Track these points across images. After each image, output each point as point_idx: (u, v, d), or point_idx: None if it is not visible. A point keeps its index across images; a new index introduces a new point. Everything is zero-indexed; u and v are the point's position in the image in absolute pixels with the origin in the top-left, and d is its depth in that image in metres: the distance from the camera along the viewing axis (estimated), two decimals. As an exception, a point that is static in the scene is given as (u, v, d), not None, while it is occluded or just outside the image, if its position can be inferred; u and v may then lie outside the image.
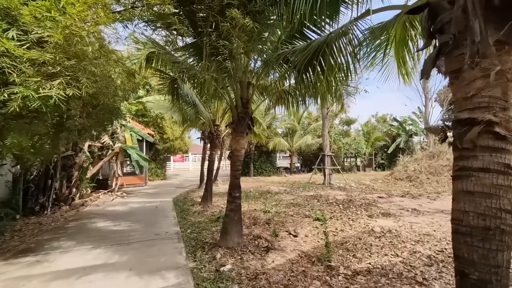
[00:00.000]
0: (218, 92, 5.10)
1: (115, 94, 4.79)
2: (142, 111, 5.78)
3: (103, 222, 6.07)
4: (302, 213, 6.43)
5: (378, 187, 10.71)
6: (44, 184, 7.48)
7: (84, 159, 8.78)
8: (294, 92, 5.01)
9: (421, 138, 24.42)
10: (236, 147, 4.35)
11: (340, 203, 7.58)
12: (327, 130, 12.42)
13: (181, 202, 8.54)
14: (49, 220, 6.44)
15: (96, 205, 8.42)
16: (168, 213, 7.04)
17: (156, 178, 16.02)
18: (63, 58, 3.01)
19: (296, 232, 4.88)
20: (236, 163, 4.34)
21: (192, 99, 6.19)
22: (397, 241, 4.33)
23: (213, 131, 7.87)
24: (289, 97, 5.07)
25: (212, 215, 6.59)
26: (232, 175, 4.37)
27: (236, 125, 4.32)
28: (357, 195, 9.00)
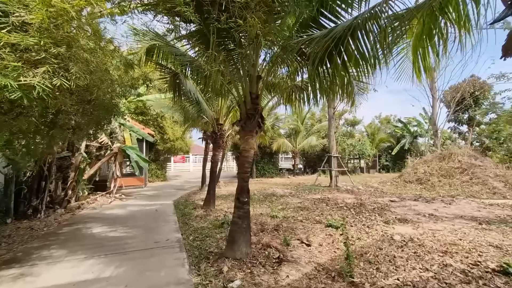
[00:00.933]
0: (224, 88, 4.70)
1: (112, 90, 4.41)
2: (141, 108, 5.39)
3: (99, 228, 5.66)
4: (312, 218, 6.01)
5: (387, 190, 10.28)
6: (37, 186, 7.07)
7: (80, 159, 8.37)
8: (306, 87, 4.60)
9: (426, 140, 24.01)
10: (245, 147, 3.94)
11: (350, 207, 7.16)
12: (333, 131, 12.01)
13: (182, 205, 8.13)
14: (42, 225, 6.03)
15: (93, 208, 8.01)
16: (168, 217, 6.63)
17: (156, 179, 15.61)
18: (49, 43, 2.60)
19: (309, 241, 4.46)
20: (245, 165, 3.93)
21: (195, 96, 5.79)
22: (422, 251, 3.91)
23: (216, 131, 7.46)
24: (301, 93, 4.66)
25: (215, 220, 6.17)
26: (240, 178, 3.96)
27: (245, 123, 3.91)
28: (367, 198, 8.58)
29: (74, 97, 3.81)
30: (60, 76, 2.61)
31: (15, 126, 3.33)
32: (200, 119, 8.40)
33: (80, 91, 3.63)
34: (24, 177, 7.30)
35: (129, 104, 5.27)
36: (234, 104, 7.11)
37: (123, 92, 5.05)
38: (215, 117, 7.44)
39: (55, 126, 4.35)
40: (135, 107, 5.41)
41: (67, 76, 2.72)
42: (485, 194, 8.33)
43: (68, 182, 8.17)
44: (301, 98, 4.77)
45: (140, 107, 5.39)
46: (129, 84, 5.00)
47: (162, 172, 16.27)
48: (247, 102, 3.97)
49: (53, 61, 2.54)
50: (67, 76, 2.74)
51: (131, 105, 5.30)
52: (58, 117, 4.13)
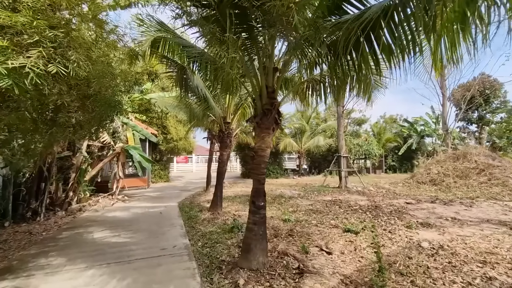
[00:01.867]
0: (235, 82, 4.35)
1: (114, 85, 4.07)
2: (146, 105, 5.06)
3: (100, 232, 5.32)
4: (327, 222, 5.64)
5: (399, 191, 9.88)
6: (37, 187, 6.75)
7: (82, 160, 8.06)
8: (323, 82, 4.24)
9: (433, 139, 23.54)
10: (261, 146, 3.58)
11: (365, 209, 6.78)
12: (342, 130, 11.62)
13: (187, 207, 7.79)
14: (41, 229, 5.71)
15: (95, 210, 7.68)
16: (174, 220, 6.28)
17: (159, 180, 15.29)
18: (44, 26, 2.26)
19: (329, 248, 4.09)
20: (261, 165, 3.57)
21: (203, 92, 5.44)
22: (457, 261, 3.53)
23: (223, 129, 7.11)
24: (318, 88, 4.30)
25: (224, 223, 5.82)
26: (255, 180, 3.60)
27: (261, 120, 3.55)
28: (380, 200, 8.20)
29: (74, 92, 3.48)
30: (57, 63, 2.27)
31: (5, 122, 2.99)
32: (206, 118, 8.06)
33: (79, 85, 3.30)
34: (23, 178, 7.00)
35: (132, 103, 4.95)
36: (242, 101, 6.76)
37: (126, 88, 4.72)
38: (222, 116, 7.09)
39: (55, 124, 4.02)
40: (139, 104, 5.07)
41: (65, 63, 2.38)
42: (507, 196, 7.91)
43: (69, 183, 7.87)
44: (318, 93, 4.41)
45: (144, 104, 5.06)
46: (132, 80, 4.66)
47: (165, 172, 15.95)
48: (262, 97, 3.62)
49: (49, 45, 2.20)
50: (66, 63, 2.40)
51: (134, 103, 4.97)
52: (58, 115, 3.80)
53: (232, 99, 6.97)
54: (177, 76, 4.72)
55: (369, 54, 3.09)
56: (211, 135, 10.98)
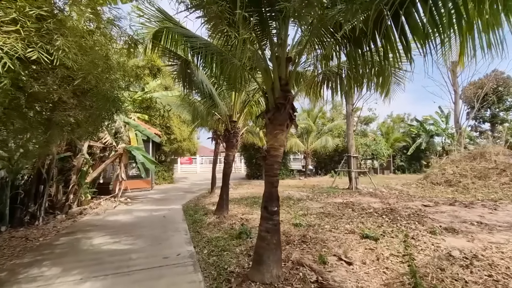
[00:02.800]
0: (243, 74, 3.99)
1: (113, 79, 3.74)
2: (147, 102, 4.74)
3: (100, 238, 5.00)
4: (342, 227, 5.24)
5: (413, 192, 9.41)
6: (35, 190, 6.47)
7: (82, 161, 7.78)
8: (341, 74, 3.86)
9: (443, 139, 22.91)
10: (273, 145, 3.22)
11: (381, 213, 6.36)
12: (352, 129, 11.19)
13: (192, 210, 7.44)
14: (38, 234, 5.41)
15: (96, 213, 7.38)
16: (178, 224, 5.94)
17: (163, 181, 15.00)
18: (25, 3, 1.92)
19: (349, 257, 3.70)
20: (274, 166, 3.20)
21: (208, 88, 5.09)
22: (498, 274, 3.11)
23: (229, 129, 6.76)
24: (335, 80, 3.91)
25: (231, 228, 5.47)
26: (268, 182, 3.23)
27: (273, 115, 3.19)
28: (395, 202, 7.76)
29: (68, 85, 3.15)
30: (38, 48, 1.93)
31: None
32: (211, 117, 7.73)
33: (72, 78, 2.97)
34: (21, 180, 6.74)
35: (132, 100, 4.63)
36: (250, 98, 6.40)
37: (126, 84, 4.39)
38: (228, 114, 6.74)
39: (50, 123, 3.71)
40: (140, 101, 4.75)
41: (49, 50, 2.04)
42: (532, 197, 7.42)
43: (70, 186, 7.59)
44: (334, 86, 4.02)
45: (146, 101, 4.74)
46: (132, 75, 4.34)
47: (169, 174, 15.66)
48: (275, 90, 3.25)
49: (28, 24, 1.86)
50: (50, 49, 2.06)
51: (136, 100, 4.65)
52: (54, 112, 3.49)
53: (238, 96, 6.61)
54: (180, 70, 4.38)
55: (398, 38, 2.71)
56: (215, 135, 10.62)
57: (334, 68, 3.81)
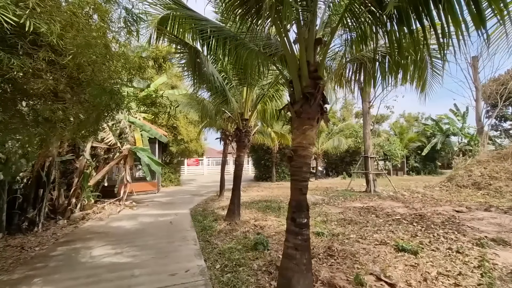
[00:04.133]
0: (262, 62, 3.45)
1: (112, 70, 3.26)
2: (152, 98, 4.26)
3: (101, 248, 4.52)
4: (371, 237, 4.64)
5: (438, 196, 8.70)
6: (34, 194, 6.05)
7: (85, 163, 7.36)
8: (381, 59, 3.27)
9: (459, 139, 21.93)
10: (302, 143, 2.66)
11: (410, 220, 5.72)
12: (369, 128, 10.53)
13: (200, 215, 6.93)
14: (36, 242, 4.98)
15: (99, 218, 6.94)
16: (186, 232, 5.42)
17: (169, 184, 14.57)
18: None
19: (390, 277, 3.10)
20: (302, 169, 2.64)
21: (219, 82, 4.56)
22: None
23: (240, 127, 6.23)
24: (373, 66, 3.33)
25: (244, 237, 4.92)
26: (295, 189, 2.67)
27: (302, 107, 2.63)
28: (421, 207, 7.08)
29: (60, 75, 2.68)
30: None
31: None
32: (220, 115, 7.23)
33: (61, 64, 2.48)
34: (21, 184, 6.34)
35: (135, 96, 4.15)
36: (265, 92, 5.84)
37: (128, 76, 3.91)
38: (239, 111, 6.21)
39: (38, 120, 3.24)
40: (144, 97, 4.28)
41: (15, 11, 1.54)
42: None
43: (72, 189, 7.17)
44: (369, 74, 3.44)
45: (150, 96, 4.27)
46: (135, 66, 3.85)
47: (176, 176, 15.22)
48: (302, 77, 2.69)
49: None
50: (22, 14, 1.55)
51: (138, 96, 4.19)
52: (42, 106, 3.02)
53: (250, 92, 6.08)
54: (189, 59, 3.86)
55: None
56: (224, 135, 10.13)
57: (369, 53, 3.22)
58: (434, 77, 3.97)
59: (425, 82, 3.84)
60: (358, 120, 20.56)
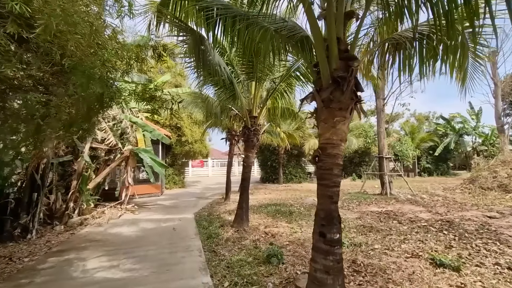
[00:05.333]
0: (277, 47, 2.94)
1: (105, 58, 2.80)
2: (151, 91, 3.81)
3: (95, 259, 4.05)
4: (398, 248, 4.09)
5: (461, 199, 8.06)
6: (28, 199, 5.63)
7: (84, 165, 6.94)
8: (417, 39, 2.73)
9: (473, 138, 21.09)
10: (331, 139, 2.15)
11: (438, 227, 5.15)
12: (383, 126, 9.92)
13: (205, 220, 6.44)
14: (27, 251, 4.55)
15: (98, 224, 6.50)
16: (190, 241, 4.93)
17: (173, 186, 14.14)
18: None
19: (436, 303, 2.56)
20: (332, 171, 2.13)
21: (226, 72, 4.07)
22: None
23: (249, 126, 5.73)
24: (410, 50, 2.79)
25: (255, 246, 4.42)
26: (324, 196, 2.16)
27: (332, 95, 2.12)
28: (446, 212, 6.48)
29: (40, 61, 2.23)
30: None
31: None
32: (226, 113, 6.75)
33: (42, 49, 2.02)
34: (14, 187, 5.94)
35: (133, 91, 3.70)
36: (276, 85, 5.31)
37: (124, 66, 3.46)
38: (248, 108, 5.72)
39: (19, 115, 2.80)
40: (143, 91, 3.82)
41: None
42: None
43: (70, 193, 6.76)
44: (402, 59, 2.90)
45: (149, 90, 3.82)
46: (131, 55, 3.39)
47: (180, 178, 14.79)
48: (331, 58, 2.19)
49: None
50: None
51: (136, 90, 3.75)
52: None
53: (259, 86, 5.59)
54: (193, 45, 3.38)
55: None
56: (230, 135, 9.68)
57: (408, 32, 2.68)
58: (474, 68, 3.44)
59: (466, 73, 3.30)
60: (367, 119, 19.90)
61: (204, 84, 4.87)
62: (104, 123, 7.46)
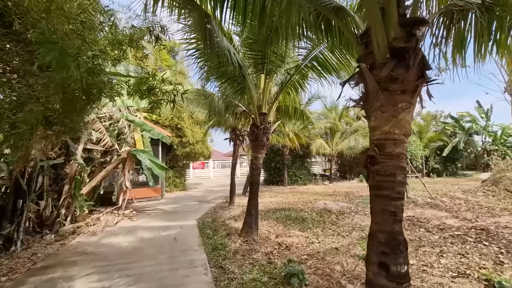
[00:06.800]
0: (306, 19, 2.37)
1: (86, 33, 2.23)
2: (148, 81, 3.26)
3: (84, 279, 3.47)
4: (438, 263, 3.49)
5: (486, 202, 7.46)
6: (13, 206, 5.06)
7: (77, 168, 6.37)
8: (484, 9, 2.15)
9: (483, 138, 20.49)
10: (392, 133, 1.57)
11: (474, 236, 4.55)
12: (398, 125, 9.31)
13: (209, 228, 5.85)
14: (6, 268, 4.01)
15: (92, 232, 5.92)
16: (193, 253, 4.34)
17: (174, 189, 13.54)
18: None
19: None
20: (395, 178, 1.54)
21: (237, 59, 3.48)
22: None
23: (258, 123, 5.15)
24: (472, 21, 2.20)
25: (268, 261, 3.83)
26: (381, 212, 1.56)
27: (393, 71, 1.53)
28: (474, 218, 5.88)
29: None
30: None
31: None
32: (232, 109, 6.18)
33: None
34: (-4, 193, 5.37)
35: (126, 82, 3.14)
36: (291, 74, 4.69)
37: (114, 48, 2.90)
38: (256, 104, 5.14)
39: None
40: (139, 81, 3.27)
41: None
42: None
43: (61, 198, 6.19)
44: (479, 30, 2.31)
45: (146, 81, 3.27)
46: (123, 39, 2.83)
47: (181, 180, 14.18)
48: (390, 25, 1.61)
49: None
50: None
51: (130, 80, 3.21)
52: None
53: (270, 80, 5.02)
54: (199, 20, 2.79)
55: None
56: (234, 135, 9.10)
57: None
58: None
59: None
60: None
61: (210, 76, 4.28)
62: (99, 123, 6.88)
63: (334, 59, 4.11)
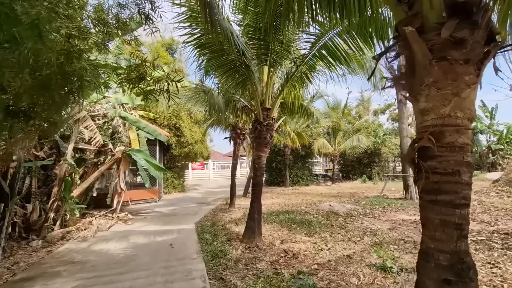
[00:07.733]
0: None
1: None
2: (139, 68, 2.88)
3: (66, 295, 3.05)
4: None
5: (502, 204, 7.05)
6: (-6, 210, 4.65)
7: (67, 169, 5.95)
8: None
9: (488, 137, 20.14)
10: (453, 118, 1.15)
11: (500, 242, 4.15)
12: (406, 122, 8.91)
13: (209, 233, 5.43)
14: (-18, 281, 3.54)
15: (83, 238, 5.50)
16: (191, 263, 3.92)
17: (172, 190, 13.12)
18: None
19: None
20: (461, 177, 1.12)
21: (238, 42, 3.07)
22: None
23: (261, 119, 4.75)
24: None
25: (275, 272, 3.42)
26: (440, 223, 1.14)
27: (456, 32, 1.12)
28: (493, 221, 5.48)
29: None
30: None
31: None
32: (231, 107, 5.78)
33: None
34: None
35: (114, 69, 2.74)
36: (298, 65, 4.30)
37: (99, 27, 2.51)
38: (260, 98, 4.74)
39: None
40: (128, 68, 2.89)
41: None
42: None
43: (50, 201, 5.77)
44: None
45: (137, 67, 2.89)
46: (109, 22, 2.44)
47: (180, 181, 13.76)
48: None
49: None
50: None
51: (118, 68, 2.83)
52: None
53: (274, 72, 4.62)
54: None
55: None
56: (235, 133, 8.70)
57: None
58: None
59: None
60: (376, 118, 18.97)
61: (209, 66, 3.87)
62: (90, 120, 6.47)
63: (345, 47, 3.73)
